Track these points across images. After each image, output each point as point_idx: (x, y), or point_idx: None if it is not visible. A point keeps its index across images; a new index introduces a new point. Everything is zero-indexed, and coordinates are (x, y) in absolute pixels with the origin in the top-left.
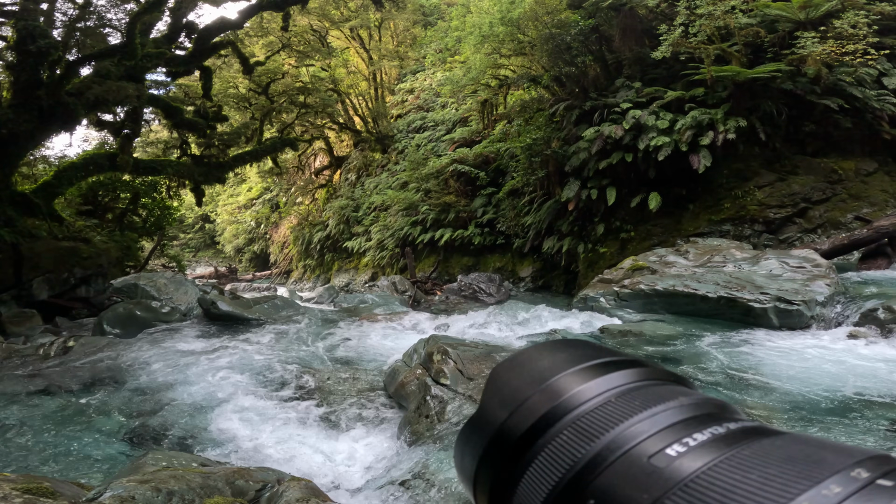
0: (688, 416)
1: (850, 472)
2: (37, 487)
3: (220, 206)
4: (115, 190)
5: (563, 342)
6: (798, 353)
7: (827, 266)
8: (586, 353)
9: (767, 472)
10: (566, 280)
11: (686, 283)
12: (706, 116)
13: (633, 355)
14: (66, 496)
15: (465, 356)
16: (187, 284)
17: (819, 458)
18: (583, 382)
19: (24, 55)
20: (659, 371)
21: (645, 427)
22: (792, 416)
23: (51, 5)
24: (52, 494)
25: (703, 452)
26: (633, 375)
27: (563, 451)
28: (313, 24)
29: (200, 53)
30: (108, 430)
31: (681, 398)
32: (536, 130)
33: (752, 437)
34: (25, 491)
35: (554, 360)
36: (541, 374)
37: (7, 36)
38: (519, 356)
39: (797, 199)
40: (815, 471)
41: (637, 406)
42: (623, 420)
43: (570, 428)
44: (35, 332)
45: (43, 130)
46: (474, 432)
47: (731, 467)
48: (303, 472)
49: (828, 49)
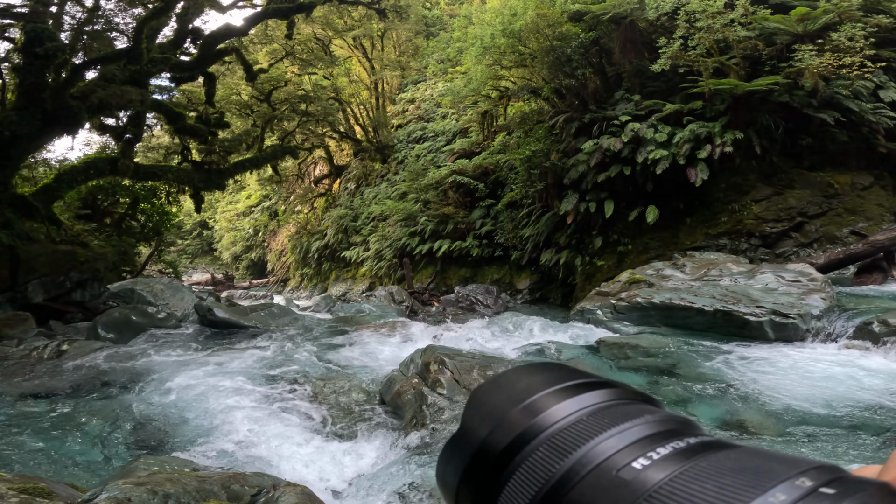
0: (652, 432)
1: (795, 480)
2: (33, 487)
3: (219, 212)
4: (114, 194)
5: (541, 364)
6: (794, 365)
7: (822, 280)
8: (561, 374)
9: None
10: (563, 293)
11: (683, 297)
12: (704, 130)
13: (604, 377)
14: (61, 497)
15: (462, 366)
16: (184, 290)
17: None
18: (557, 402)
19: (31, 58)
20: (628, 391)
21: (613, 443)
22: (787, 428)
23: (59, 8)
24: (49, 495)
25: (665, 465)
26: (604, 395)
27: (539, 466)
28: (317, 33)
29: (205, 59)
30: (100, 434)
31: (646, 416)
32: (536, 142)
33: (709, 450)
34: (22, 491)
35: (531, 381)
36: (519, 394)
37: (15, 38)
38: (499, 378)
39: (793, 214)
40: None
41: (606, 423)
42: (593, 437)
43: (546, 445)
44: (28, 335)
45: (45, 133)
46: (456, 449)
47: (689, 478)
48: (298, 478)
49: (825, 62)
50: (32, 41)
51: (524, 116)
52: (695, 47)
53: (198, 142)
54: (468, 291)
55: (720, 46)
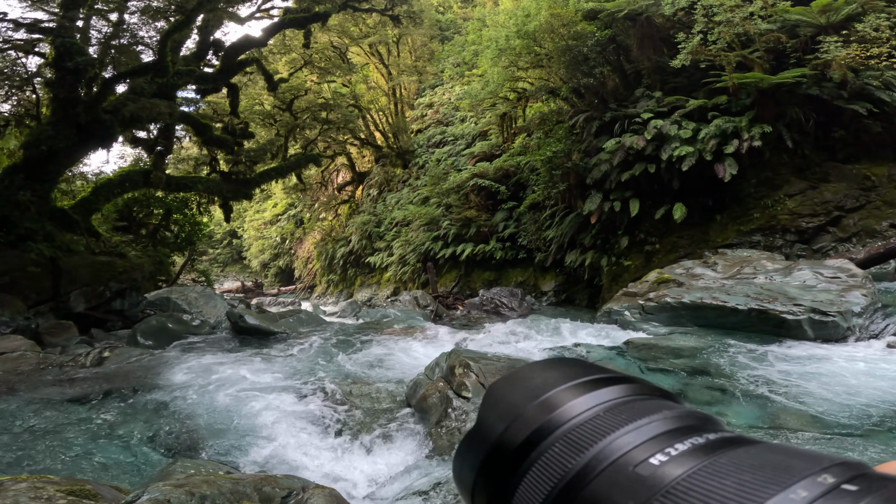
0: (671, 427)
1: (817, 477)
2: (80, 490)
3: (247, 221)
4: (148, 206)
5: (558, 360)
6: (834, 365)
7: (863, 276)
8: (578, 370)
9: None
10: (589, 294)
11: (714, 296)
12: (730, 124)
13: (622, 372)
14: (106, 498)
15: (487, 369)
16: (216, 298)
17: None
18: (574, 398)
19: (62, 72)
20: (646, 386)
21: (630, 439)
22: (828, 429)
23: (86, 23)
24: (94, 497)
25: (683, 461)
26: (622, 391)
27: (555, 461)
28: (333, 41)
29: (227, 71)
30: (140, 438)
31: (665, 411)
32: (556, 143)
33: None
34: (69, 493)
35: (548, 376)
36: (535, 390)
37: (45, 53)
38: (515, 373)
39: (830, 208)
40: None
41: (624, 419)
42: (611, 432)
43: (563, 440)
44: (71, 343)
45: (81, 147)
46: (472, 444)
47: (708, 474)
48: (326, 480)
49: (852, 53)
50: (62, 55)
51: (543, 117)
52: (715, 42)
53: (225, 152)
54: (492, 294)
55: (741, 40)
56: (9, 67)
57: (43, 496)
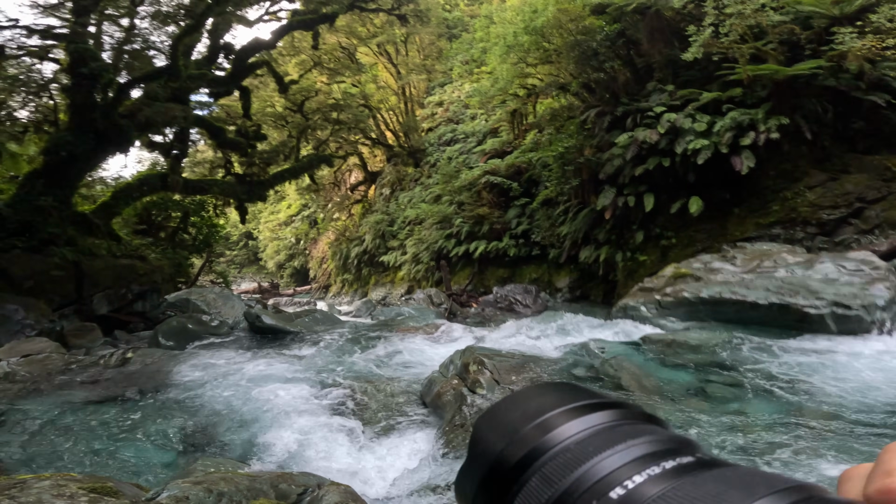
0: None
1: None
2: (101, 487)
3: (262, 223)
4: (166, 209)
5: (554, 384)
6: (858, 359)
7: (886, 268)
8: (573, 395)
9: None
10: (605, 290)
11: (734, 290)
12: (746, 117)
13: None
14: (127, 496)
15: (502, 366)
16: (234, 299)
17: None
18: (567, 421)
19: (78, 78)
20: (635, 411)
21: (613, 461)
22: (854, 425)
23: (98, 28)
24: (115, 494)
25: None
26: (611, 416)
27: (545, 481)
28: (342, 42)
29: (238, 74)
30: (162, 437)
31: (647, 436)
32: (568, 139)
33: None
34: (91, 490)
35: (544, 400)
36: (532, 413)
37: (60, 59)
38: (515, 395)
39: (851, 199)
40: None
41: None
42: (597, 454)
43: (553, 461)
44: (95, 345)
45: (99, 152)
46: (474, 461)
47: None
48: (342, 477)
49: (867, 44)
50: (77, 61)
51: (554, 113)
52: (727, 34)
53: (239, 154)
54: (506, 292)
55: (754, 32)
56: (24, 74)
57: (65, 493)
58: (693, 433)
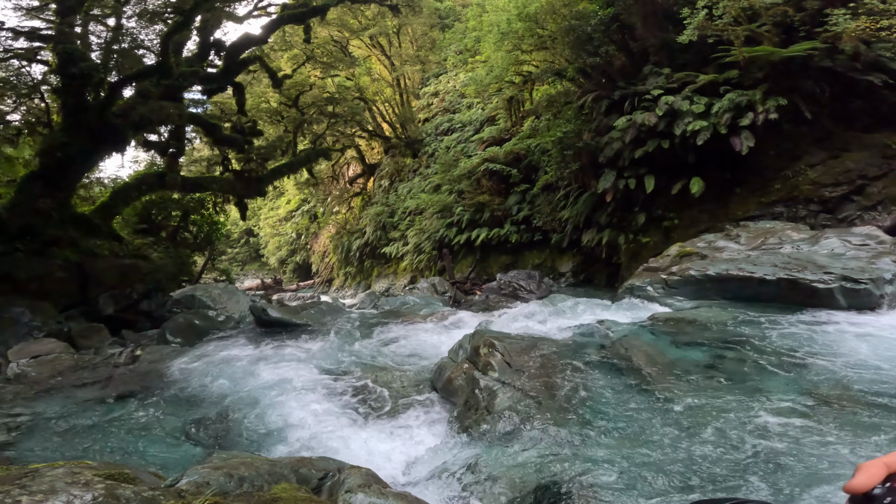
0: None
1: None
2: (118, 473)
3: (262, 219)
4: (166, 208)
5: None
6: (870, 334)
7: (892, 242)
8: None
9: None
10: (608, 273)
11: (741, 267)
12: (744, 98)
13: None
14: (145, 483)
15: (512, 348)
16: (239, 294)
17: None
18: None
19: (68, 78)
20: None
21: None
22: (870, 399)
23: (84, 28)
24: (133, 480)
25: None
26: None
27: None
28: (334, 35)
29: (231, 70)
30: (177, 432)
31: None
32: (566, 124)
33: None
34: (107, 477)
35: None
36: None
37: (48, 60)
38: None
39: (853, 176)
40: None
41: None
42: None
43: None
44: (104, 345)
45: (95, 153)
46: None
47: None
48: (357, 464)
49: (861, 25)
50: (66, 62)
51: (551, 99)
52: (721, 16)
53: (236, 151)
54: (510, 278)
55: (748, 14)
56: (14, 76)
57: (80, 481)
58: (712, 413)
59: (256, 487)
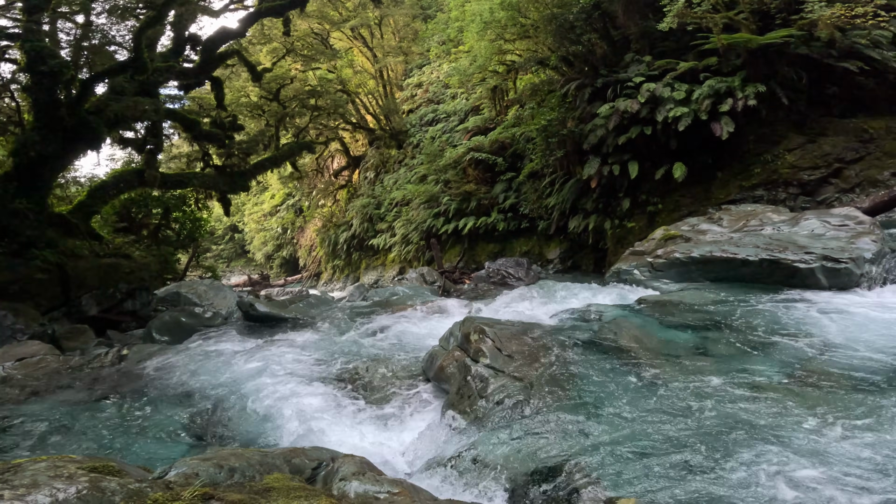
0: None
1: None
2: (103, 466)
3: (247, 215)
4: (146, 206)
5: None
6: (852, 313)
7: (871, 222)
8: None
9: None
10: (595, 258)
11: (724, 248)
12: (723, 84)
13: None
14: (132, 475)
15: (503, 334)
16: (225, 290)
17: None
18: None
19: (38, 76)
20: None
21: None
22: (855, 376)
23: (52, 26)
24: (118, 473)
25: None
26: None
27: None
28: (314, 28)
29: (208, 65)
30: (166, 430)
31: None
32: (550, 112)
33: None
34: (92, 470)
35: None
36: None
37: (16, 59)
38: None
39: (830, 160)
40: None
41: None
42: None
43: None
44: (89, 346)
45: (70, 151)
46: None
47: None
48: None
49: (837, 12)
50: (34, 60)
51: (535, 88)
52: (700, 4)
53: (216, 146)
54: (498, 266)
55: (725, 2)
56: None
57: (63, 474)
58: (701, 393)
59: (248, 478)
